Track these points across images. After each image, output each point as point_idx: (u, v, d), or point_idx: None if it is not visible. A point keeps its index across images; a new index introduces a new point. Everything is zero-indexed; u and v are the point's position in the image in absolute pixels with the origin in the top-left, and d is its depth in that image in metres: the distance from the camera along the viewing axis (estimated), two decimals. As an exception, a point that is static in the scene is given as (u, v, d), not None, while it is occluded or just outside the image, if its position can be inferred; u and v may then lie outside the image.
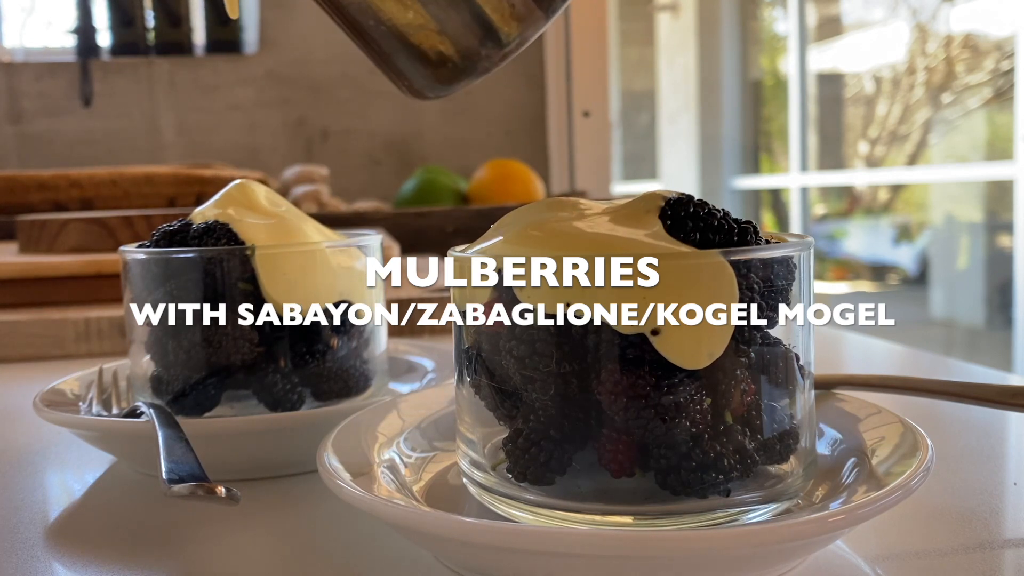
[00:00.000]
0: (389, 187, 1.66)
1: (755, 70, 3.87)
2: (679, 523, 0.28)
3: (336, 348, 0.42)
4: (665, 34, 4.00)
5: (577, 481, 0.29)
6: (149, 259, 0.41)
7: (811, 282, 0.30)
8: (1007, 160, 2.55)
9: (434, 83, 0.43)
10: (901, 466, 0.29)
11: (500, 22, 0.40)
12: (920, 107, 3.19)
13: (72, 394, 0.45)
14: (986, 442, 0.43)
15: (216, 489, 0.29)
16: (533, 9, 0.40)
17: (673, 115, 3.95)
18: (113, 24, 1.63)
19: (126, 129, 1.67)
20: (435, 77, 0.43)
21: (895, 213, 3.54)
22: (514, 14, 0.40)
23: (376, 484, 0.31)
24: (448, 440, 0.36)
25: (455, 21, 0.40)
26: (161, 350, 0.41)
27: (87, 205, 1.22)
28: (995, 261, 2.86)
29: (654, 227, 0.29)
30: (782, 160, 3.67)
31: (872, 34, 3.37)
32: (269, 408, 0.41)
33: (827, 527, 0.25)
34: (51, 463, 0.43)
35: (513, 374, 0.29)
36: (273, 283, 0.40)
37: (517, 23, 0.41)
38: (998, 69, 2.79)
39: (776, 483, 0.29)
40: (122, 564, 0.31)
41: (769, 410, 0.29)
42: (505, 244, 0.30)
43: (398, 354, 0.51)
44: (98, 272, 0.77)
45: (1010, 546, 0.31)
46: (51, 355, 0.68)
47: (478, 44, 0.41)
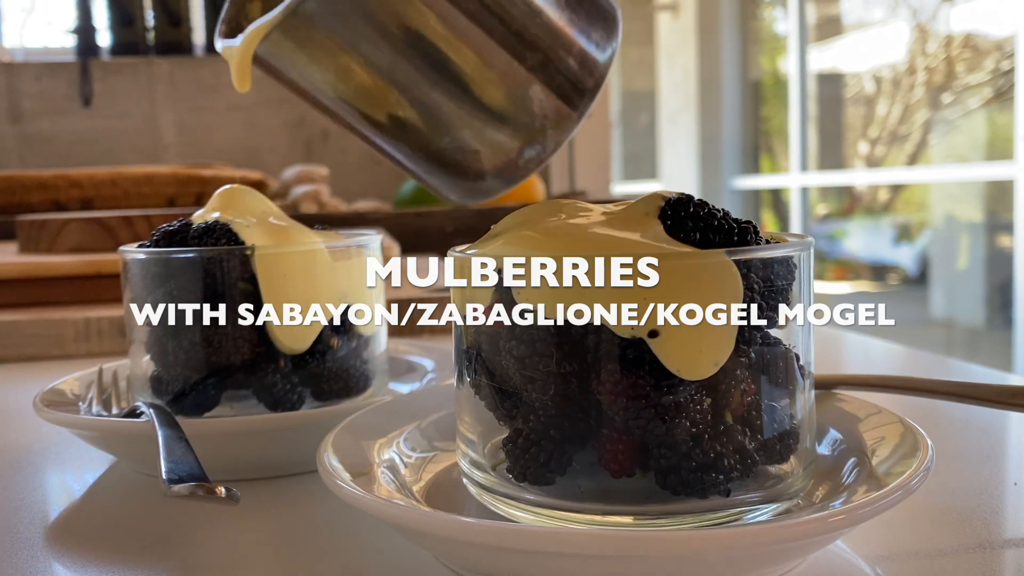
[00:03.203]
0: (389, 187, 1.65)
1: (755, 70, 3.87)
2: (679, 523, 0.28)
3: (336, 348, 0.42)
4: (665, 34, 4.00)
5: (577, 481, 0.29)
6: (149, 259, 0.41)
7: (811, 282, 0.30)
8: (1007, 160, 2.55)
9: (474, 195, 0.44)
10: (901, 466, 0.29)
11: (537, 135, 0.41)
12: (920, 107, 3.19)
13: (72, 394, 0.45)
14: (986, 442, 0.43)
15: (216, 489, 0.29)
16: (567, 114, 0.41)
17: (673, 115, 3.95)
18: (113, 24, 1.63)
19: (126, 129, 1.67)
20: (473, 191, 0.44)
21: (895, 213, 3.54)
22: (548, 124, 0.40)
23: (376, 484, 0.31)
24: (448, 440, 0.36)
25: (489, 143, 0.41)
26: (161, 350, 0.41)
27: (87, 205, 1.22)
28: (995, 261, 2.86)
29: (654, 227, 0.29)
30: (782, 160, 3.67)
31: (872, 34, 3.37)
32: (269, 408, 0.41)
33: (827, 527, 0.25)
34: (51, 463, 0.43)
35: (513, 374, 0.29)
36: (272, 283, 0.40)
37: (553, 131, 0.41)
38: (998, 69, 2.79)
39: (776, 483, 0.29)
40: (122, 564, 0.31)
41: (769, 410, 0.29)
42: (505, 244, 0.30)
43: (398, 354, 0.51)
44: (98, 272, 0.77)
45: (1010, 546, 0.31)
46: (51, 355, 0.68)
47: (516, 157, 0.42)
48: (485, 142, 0.41)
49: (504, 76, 0.39)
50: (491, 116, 0.40)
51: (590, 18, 0.40)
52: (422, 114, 0.40)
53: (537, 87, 0.39)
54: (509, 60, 0.38)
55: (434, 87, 0.39)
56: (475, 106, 0.39)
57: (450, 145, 0.41)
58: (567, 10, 0.39)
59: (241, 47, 0.40)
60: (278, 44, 0.39)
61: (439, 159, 0.42)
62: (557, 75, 0.40)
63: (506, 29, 0.38)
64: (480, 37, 0.38)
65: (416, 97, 0.39)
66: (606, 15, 0.41)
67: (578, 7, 0.40)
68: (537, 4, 0.38)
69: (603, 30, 0.41)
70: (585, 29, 0.40)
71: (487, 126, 0.40)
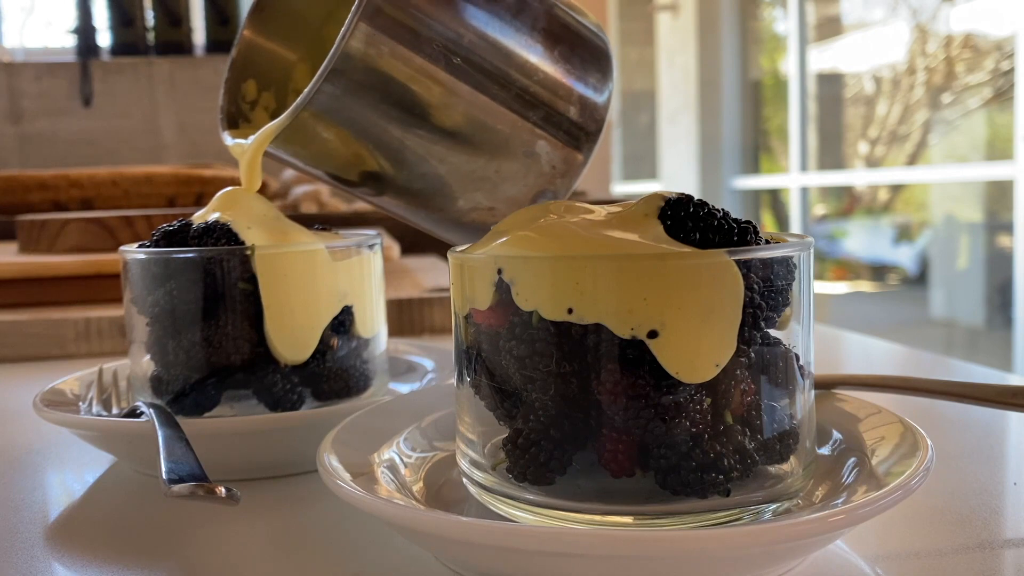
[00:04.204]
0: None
1: (755, 70, 3.87)
2: (679, 523, 0.28)
3: (336, 348, 0.42)
4: (665, 34, 4.00)
5: (577, 481, 0.29)
6: (149, 259, 0.41)
7: (811, 282, 0.30)
8: (1007, 160, 2.55)
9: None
10: (901, 466, 0.29)
11: (547, 184, 0.41)
12: (920, 107, 3.19)
13: (72, 394, 0.45)
14: (986, 442, 0.43)
15: (216, 489, 0.29)
16: (574, 159, 0.41)
17: (673, 115, 3.96)
18: (113, 24, 1.63)
19: (126, 129, 1.67)
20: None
21: (895, 213, 3.55)
22: (557, 172, 0.41)
23: (376, 484, 0.31)
24: (448, 440, 0.36)
25: (503, 199, 0.41)
26: (161, 350, 0.41)
27: (87, 205, 1.23)
28: (995, 261, 2.86)
29: (654, 228, 0.29)
30: (782, 160, 3.67)
31: (872, 34, 3.37)
32: (269, 408, 0.41)
33: (827, 527, 0.25)
34: (51, 463, 0.43)
35: (513, 374, 0.29)
36: (272, 283, 0.40)
37: (563, 178, 0.42)
38: (998, 69, 2.80)
39: (776, 483, 0.29)
40: (122, 564, 0.31)
41: (769, 410, 0.29)
42: (505, 244, 0.30)
43: (398, 354, 0.51)
44: (98, 272, 0.77)
45: (1010, 546, 0.31)
46: (51, 355, 0.68)
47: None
48: (499, 199, 0.41)
49: (511, 137, 0.40)
50: (502, 175, 0.41)
51: (584, 64, 0.41)
52: (435, 184, 0.41)
53: (544, 141, 0.40)
54: (514, 120, 0.39)
55: (444, 158, 0.40)
56: (485, 168, 0.40)
57: (465, 206, 0.42)
58: (562, 61, 0.40)
59: (251, 149, 0.41)
60: (288, 140, 0.40)
61: (456, 219, 0.43)
62: (561, 126, 0.41)
63: (507, 92, 0.39)
64: (484, 103, 0.38)
65: (427, 169, 0.40)
66: (599, 56, 0.41)
67: (572, 55, 0.40)
68: (533, 62, 0.39)
69: (598, 72, 0.41)
70: (581, 76, 0.41)
71: (499, 185, 0.41)
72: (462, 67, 0.37)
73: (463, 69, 0.37)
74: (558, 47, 0.40)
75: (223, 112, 0.45)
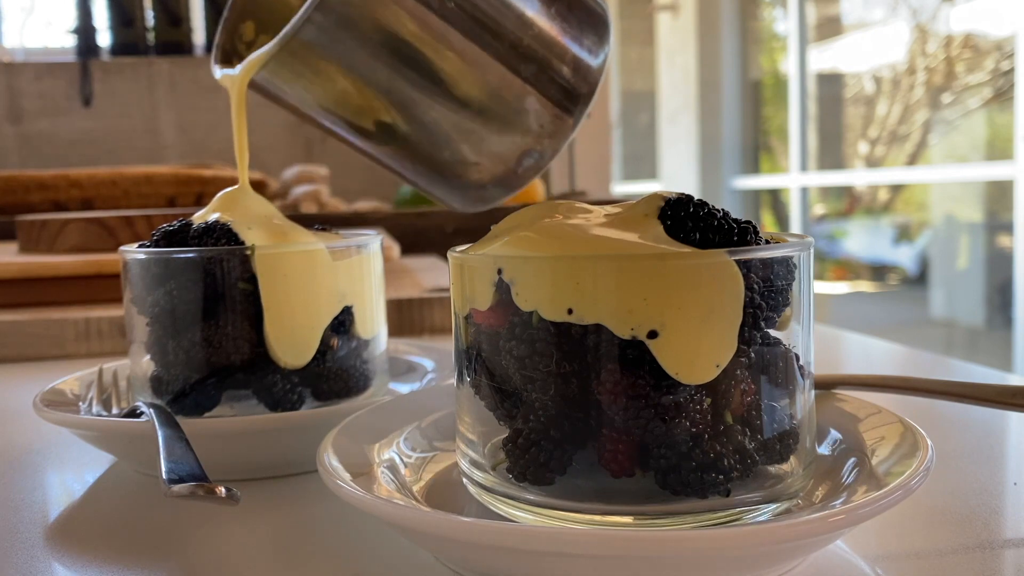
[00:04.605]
0: (389, 187, 1.65)
1: (755, 70, 3.87)
2: (679, 523, 0.28)
3: (336, 348, 0.42)
4: (665, 34, 4.00)
5: (577, 481, 0.29)
6: (149, 259, 0.41)
7: (811, 282, 0.30)
8: (1007, 160, 2.56)
9: (476, 203, 0.44)
10: (901, 466, 0.29)
11: (535, 144, 0.41)
12: (920, 107, 3.19)
13: (72, 394, 0.45)
14: (986, 442, 0.43)
15: (216, 489, 0.29)
16: (563, 121, 0.41)
17: (673, 115, 3.96)
18: (113, 24, 1.63)
19: (126, 129, 1.67)
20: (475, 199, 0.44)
21: (895, 213, 3.55)
22: (545, 132, 0.41)
23: (376, 484, 0.31)
24: (448, 440, 0.36)
25: (488, 154, 0.41)
26: (161, 350, 0.41)
27: (87, 205, 1.22)
28: (995, 261, 2.86)
29: (654, 228, 0.29)
30: (782, 160, 3.67)
31: (872, 34, 3.37)
32: (269, 408, 0.41)
33: (827, 527, 0.25)
34: (51, 463, 0.43)
35: (513, 374, 0.29)
36: (272, 283, 0.40)
37: (550, 139, 0.42)
38: (998, 69, 2.80)
39: (776, 483, 0.29)
40: (122, 564, 0.31)
41: (769, 410, 0.29)
42: (505, 245, 0.30)
43: (398, 354, 0.51)
44: (98, 272, 0.77)
45: (1010, 546, 0.31)
46: (51, 355, 0.68)
47: (515, 166, 0.42)
48: (484, 154, 0.41)
49: (500, 89, 0.39)
50: (489, 128, 0.40)
51: (581, 25, 0.40)
52: (421, 130, 0.41)
53: (533, 98, 0.40)
54: (504, 73, 0.39)
55: (431, 104, 0.39)
56: (472, 120, 0.40)
57: (450, 158, 0.41)
58: (558, 19, 0.40)
59: (239, 76, 0.41)
60: (276, 72, 0.39)
61: (440, 171, 0.43)
62: (552, 84, 0.40)
63: (500, 43, 0.38)
64: (475, 52, 0.38)
65: (414, 114, 0.40)
66: (597, 20, 0.41)
67: (569, 15, 0.40)
68: (529, 16, 0.39)
69: (595, 35, 0.41)
70: (577, 36, 0.40)
71: (485, 138, 0.41)
72: (455, 12, 0.37)
73: (456, 14, 0.37)
74: (555, 4, 0.40)
75: (218, 48, 0.44)
